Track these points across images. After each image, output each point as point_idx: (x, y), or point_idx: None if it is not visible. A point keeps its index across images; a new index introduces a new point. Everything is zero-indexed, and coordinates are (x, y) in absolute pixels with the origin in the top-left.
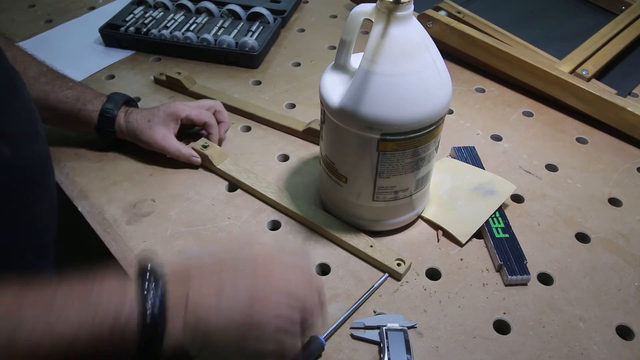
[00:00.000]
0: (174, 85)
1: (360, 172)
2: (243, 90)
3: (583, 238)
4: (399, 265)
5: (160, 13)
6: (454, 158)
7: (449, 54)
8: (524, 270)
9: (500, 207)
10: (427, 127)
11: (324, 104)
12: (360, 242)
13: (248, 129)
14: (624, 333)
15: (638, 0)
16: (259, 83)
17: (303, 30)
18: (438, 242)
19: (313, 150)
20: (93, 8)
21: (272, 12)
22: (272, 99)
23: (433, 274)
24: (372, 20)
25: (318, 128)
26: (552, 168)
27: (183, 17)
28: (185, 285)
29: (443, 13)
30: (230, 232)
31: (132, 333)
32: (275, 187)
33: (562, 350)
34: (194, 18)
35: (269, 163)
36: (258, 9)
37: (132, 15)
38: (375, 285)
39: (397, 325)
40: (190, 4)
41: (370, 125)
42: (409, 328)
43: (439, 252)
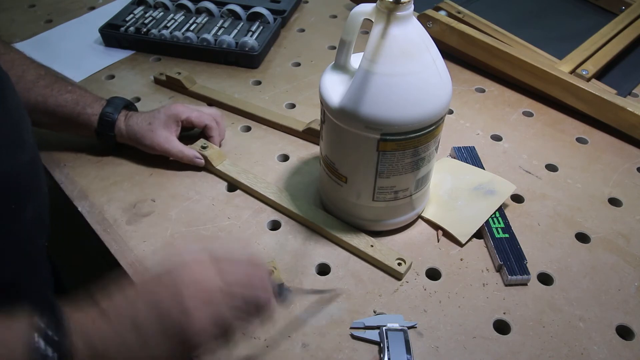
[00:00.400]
0: (174, 85)
1: (360, 172)
2: (243, 90)
3: (583, 238)
4: (400, 265)
5: (160, 13)
6: (454, 158)
7: (449, 54)
8: (524, 270)
9: (500, 207)
10: (427, 127)
11: (324, 104)
12: (361, 242)
13: (248, 129)
14: (624, 333)
15: (638, 1)
16: (259, 83)
17: (303, 30)
18: (438, 242)
19: (313, 150)
20: (93, 8)
21: (272, 12)
22: (272, 99)
23: (433, 274)
24: (372, 20)
25: (318, 128)
26: (552, 168)
27: (183, 17)
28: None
29: (443, 13)
30: (230, 232)
31: None
32: (275, 187)
33: (562, 350)
34: (194, 18)
35: (269, 163)
36: (258, 9)
37: (132, 15)
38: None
39: (397, 325)
40: (190, 4)
41: (370, 125)
42: (409, 328)
43: (439, 252)
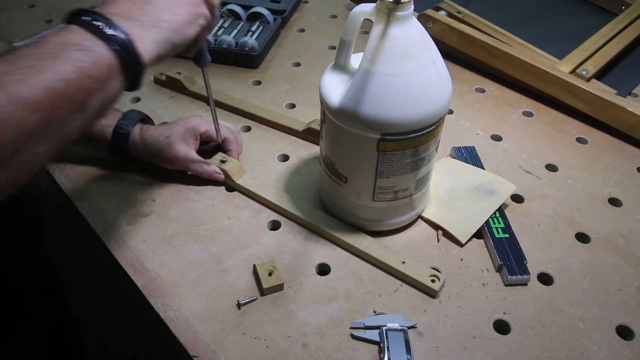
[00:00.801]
0: (174, 85)
1: (360, 172)
2: (243, 90)
3: (583, 238)
4: (433, 282)
5: None
6: (454, 158)
7: (449, 54)
8: (524, 270)
9: (500, 207)
10: (427, 127)
11: (324, 104)
12: (391, 258)
13: (248, 129)
14: (624, 333)
15: (638, 1)
16: (259, 83)
17: (303, 30)
18: (438, 242)
19: (313, 150)
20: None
21: (272, 12)
22: (272, 99)
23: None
24: (372, 20)
25: (318, 128)
26: (552, 168)
27: None
28: (119, 7)
29: (443, 13)
30: (231, 232)
31: (110, 60)
32: (288, 196)
33: (562, 350)
34: None
35: (269, 163)
36: (258, 9)
37: None
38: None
39: (397, 325)
40: None
41: (370, 125)
42: (409, 328)
43: (439, 252)
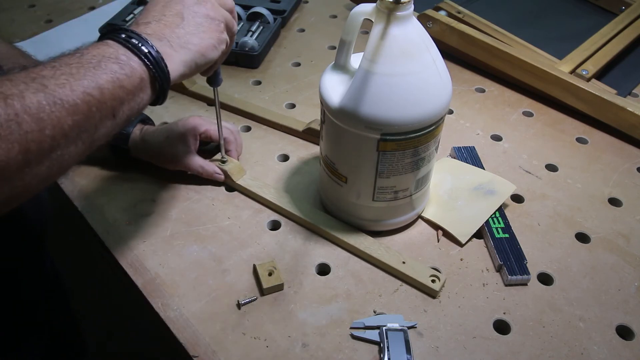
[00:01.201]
0: (174, 86)
1: (360, 172)
2: (243, 90)
3: (583, 238)
4: (434, 282)
5: None
6: (454, 158)
7: (449, 54)
8: (524, 270)
9: (500, 207)
10: (427, 127)
11: (324, 104)
12: (391, 258)
13: (248, 129)
14: (624, 333)
15: (638, 1)
16: (259, 83)
17: (303, 30)
18: (438, 242)
19: (313, 150)
20: (93, 8)
21: (272, 12)
22: (272, 99)
23: None
24: (372, 20)
25: (318, 128)
26: (552, 168)
27: None
28: (151, 27)
29: (443, 13)
30: (231, 232)
31: (142, 74)
32: (288, 197)
33: (562, 350)
34: None
35: (269, 163)
36: (258, 9)
37: (132, 15)
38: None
39: (397, 325)
40: None
41: (370, 125)
42: (409, 328)
43: (439, 252)
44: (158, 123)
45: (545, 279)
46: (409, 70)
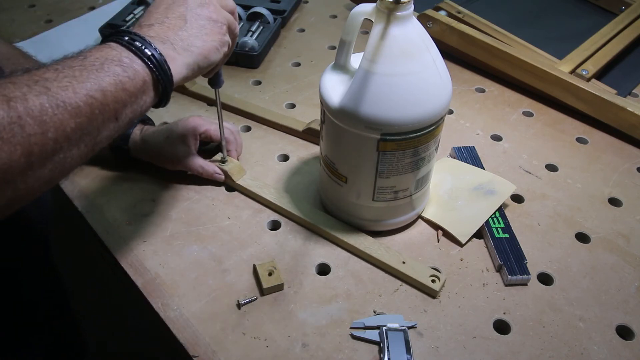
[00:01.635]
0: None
1: (360, 172)
2: (243, 90)
3: (583, 238)
4: (434, 282)
5: None
6: (454, 158)
7: (449, 54)
8: (524, 270)
9: (500, 207)
10: (427, 127)
11: (324, 104)
12: (391, 258)
13: (248, 129)
14: (624, 333)
15: (638, 1)
16: (259, 83)
17: (303, 30)
18: (438, 242)
19: (313, 150)
20: (93, 8)
21: (272, 12)
22: (272, 99)
23: None
24: (372, 20)
25: (318, 128)
26: (552, 168)
27: None
28: (154, 30)
29: (443, 13)
30: (231, 232)
31: (145, 76)
32: (288, 197)
33: (562, 350)
34: None
35: (269, 163)
36: (258, 9)
37: (132, 15)
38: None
39: (397, 325)
40: None
41: (370, 125)
42: (409, 328)
43: (439, 252)
44: (158, 123)
45: (545, 279)
46: (409, 70)
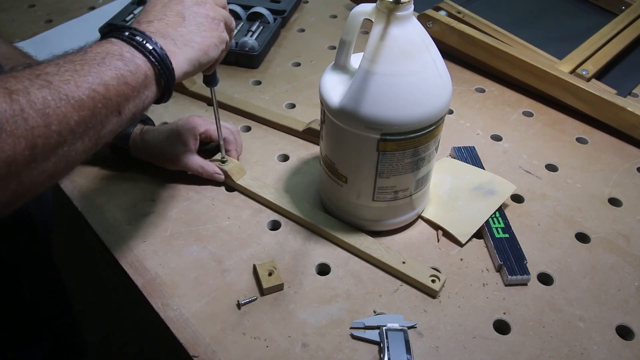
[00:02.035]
0: (174, 85)
1: (360, 172)
2: (243, 90)
3: (583, 238)
4: (434, 282)
5: None
6: (454, 158)
7: (449, 54)
8: (524, 270)
9: (500, 207)
10: (427, 127)
11: (324, 104)
12: (392, 258)
13: (248, 129)
14: (624, 333)
15: (638, 1)
16: (259, 83)
17: (303, 30)
18: (438, 242)
19: (313, 150)
20: (93, 8)
21: (272, 12)
22: (272, 99)
23: None
24: (372, 20)
25: (318, 128)
26: (552, 168)
27: None
28: (154, 26)
29: (443, 13)
30: (231, 232)
31: (147, 71)
32: (288, 197)
33: (562, 350)
34: None
35: (269, 163)
36: (258, 9)
37: (132, 15)
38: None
39: (397, 325)
40: None
41: (370, 125)
42: (409, 328)
43: (439, 252)
44: (158, 123)
45: (545, 279)
46: (409, 70)
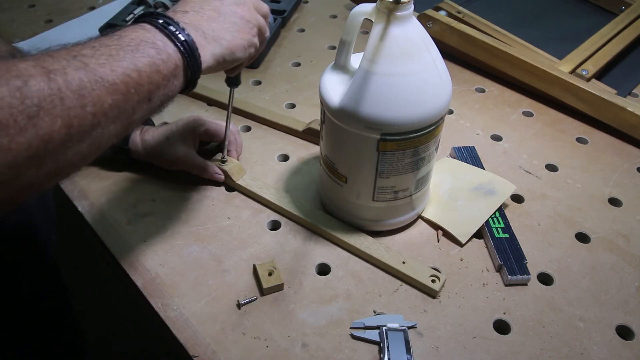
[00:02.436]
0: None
1: (360, 172)
2: (243, 90)
3: (583, 238)
4: (434, 282)
5: None
6: (454, 158)
7: (449, 54)
8: (524, 270)
9: (500, 207)
10: (427, 127)
11: (324, 104)
12: (392, 258)
13: (248, 129)
14: (624, 333)
15: (638, 1)
16: (259, 83)
17: (303, 30)
18: (438, 242)
19: (313, 150)
20: (93, 8)
21: (272, 12)
22: (272, 99)
23: None
24: (372, 20)
25: (318, 128)
26: (552, 168)
27: None
28: (189, 17)
29: (443, 13)
30: (231, 232)
31: (177, 61)
32: (288, 197)
33: (562, 350)
34: None
35: (269, 163)
36: None
37: (132, 15)
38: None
39: (397, 325)
40: None
41: (370, 125)
42: (409, 328)
43: (439, 252)
44: (158, 123)
45: (545, 279)
46: (409, 70)
